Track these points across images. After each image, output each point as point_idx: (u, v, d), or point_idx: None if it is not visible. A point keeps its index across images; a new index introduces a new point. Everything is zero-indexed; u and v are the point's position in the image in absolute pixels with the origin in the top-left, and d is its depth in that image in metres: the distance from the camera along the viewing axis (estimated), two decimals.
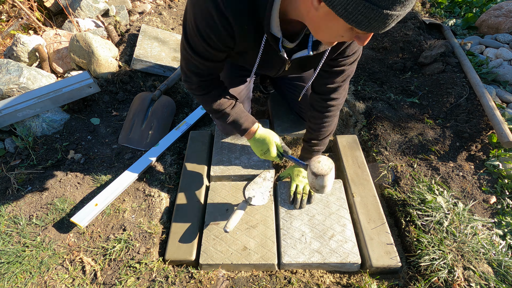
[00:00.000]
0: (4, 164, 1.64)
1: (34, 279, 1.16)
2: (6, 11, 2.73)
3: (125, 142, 1.71)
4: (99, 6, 2.58)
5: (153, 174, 1.53)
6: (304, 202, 1.35)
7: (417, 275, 1.16)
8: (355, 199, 1.39)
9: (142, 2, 2.99)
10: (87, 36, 2.00)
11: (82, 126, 1.81)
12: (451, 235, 1.23)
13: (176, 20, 2.84)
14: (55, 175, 1.54)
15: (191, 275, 1.17)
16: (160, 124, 1.81)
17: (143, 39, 2.29)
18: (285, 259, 1.19)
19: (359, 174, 1.49)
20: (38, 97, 1.70)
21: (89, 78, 1.80)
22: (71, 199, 1.43)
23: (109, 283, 1.15)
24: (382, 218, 1.31)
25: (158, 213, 1.38)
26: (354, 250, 1.21)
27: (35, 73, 1.83)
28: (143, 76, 2.17)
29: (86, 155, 1.65)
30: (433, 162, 1.55)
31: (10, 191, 1.50)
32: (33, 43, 2.03)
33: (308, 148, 1.33)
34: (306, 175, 1.32)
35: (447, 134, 1.67)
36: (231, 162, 1.54)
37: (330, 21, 0.69)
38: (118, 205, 1.39)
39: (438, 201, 1.33)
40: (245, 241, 1.25)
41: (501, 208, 1.38)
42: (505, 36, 2.42)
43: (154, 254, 1.25)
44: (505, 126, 1.57)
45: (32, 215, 1.37)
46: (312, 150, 1.31)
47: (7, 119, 1.67)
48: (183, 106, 2.00)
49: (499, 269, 1.14)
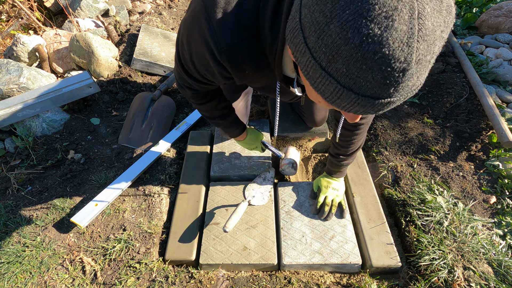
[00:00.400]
0: (4, 164, 1.64)
1: (34, 279, 1.16)
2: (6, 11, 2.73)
3: (125, 142, 1.71)
4: (99, 6, 2.58)
5: (153, 174, 1.53)
6: (331, 215, 1.30)
7: (417, 275, 1.16)
8: (355, 199, 1.39)
9: (142, 2, 2.99)
10: (87, 36, 2.00)
11: (82, 126, 1.81)
12: (451, 235, 1.23)
13: (176, 20, 2.83)
14: (55, 175, 1.54)
15: (191, 275, 1.17)
16: (160, 124, 1.81)
17: (143, 39, 2.29)
18: (285, 260, 1.19)
19: (359, 174, 1.49)
20: (38, 97, 1.70)
21: (89, 78, 1.80)
22: (71, 199, 1.43)
23: (109, 283, 1.15)
24: (382, 218, 1.31)
25: (158, 213, 1.38)
26: (355, 251, 1.21)
27: (35, 73, 1.83)
28: (143, 76, 2.17)
29: (86, 155, 1.65)
30: (433, 162, 1.55)
31: (10, 191, 1.50)
32: (33, 43, 2.03)
33: (336, 163, 1.29)
34: (336, 186, 1.34)
35: (447, 134, 1.67)
36: (231, 162, 1.54)
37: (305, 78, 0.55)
38: (118, 205, 1.39)
39: (438, 201, 1.33)
40: (245, 241, 1.25)
41: (501, 208, 1.38)
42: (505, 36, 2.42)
43: (154, 254, 1.25)
44: (505, 126, 1.57)
45: (32, 215, 1.37)
46: (341, 164, 1.28)
47: (7, 119, 1.67)
48: (183, 106, 2.00)
49: (499, 269, 1.14)
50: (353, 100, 0.48)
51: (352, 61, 0.43)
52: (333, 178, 1.35)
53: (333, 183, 1.35)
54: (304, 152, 1.74)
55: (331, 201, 1.32)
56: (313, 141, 1.77)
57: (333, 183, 1.35)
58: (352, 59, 0.42)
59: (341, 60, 0.44)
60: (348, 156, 1.25)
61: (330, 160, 1.32)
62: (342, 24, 0.41)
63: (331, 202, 1.32)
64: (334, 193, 1.34)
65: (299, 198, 1.39)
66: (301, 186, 1.44)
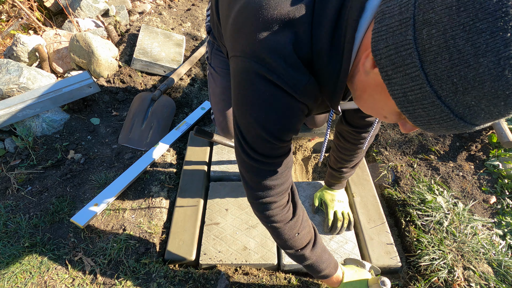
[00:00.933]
0: (4, 164, 1.64)
1: (34, 279, 1.16)
2: (6, 11, 2.73)
3: (125, 142, 1.71)
4: (99, 6, 2.58)
5: (153, 174, 1.53)
6: (344, 229, 1.26)
7: (417, 275, 1.16)
8: (355, 199, 1.39)
9: (142, 2, 2.99)
10: (87, 36, 2.00)
11: (82, 126, 1.81)
12: (451, 235, 1.23)
13: (176, 20, 2.83)
14: (55, 175, 1.54)
15: (191, 275, 1.17)
16: (160, 124, 1.81)
17: (143, 39, 2.29)
18: (286, 260, 1.19)
19: (359, 174, 1.49)
20: (38, 97, 1.70)
21: (89, 78, 1.80)
22: (71, 199, 1.43)
23: (109, 283, 1.15)
24: (382, 218, 1.31)
25: (158, 213, 1.38)
26: (355, 251, 1.21)
27: (35, 73, 1.83)
28: (143, 76, 2.17)
29: (86, 155, 1.65)
30: (433, 162, 1.55)
31: (10, 191, 1.50)
32: (33, 43, 2.03)
33: (337, 176, 1.24)
34: (340, 198, 1.30)
35: (447, 134, 1.67)
36: (231, 162, 1.54)
37: (379, 93, 0.53)
38: (118, 205, 1.39)
39: (438, 201, 1.33)
40: (245, 241, 1.25)
41: (501, 208, 1.38)
42: None
43: (154, 254, 1.25)
44: (505, 126, 1.57)
45: (32, 215, 1.37)
46: (343, 177, 1.24)
47: (7, 119, 1.67)
48: (183, 106, 2.00)
49: (499, 269, 1.14)
50: (455, 127, 0.44)
51: (491, 97, 0.38)
52: (334, 190, 1.31)
53: (337, 195, 1.31)
54: (304, 152, 1.74)
55: (341, 214, 1.28)
56: (313, 141, 1.77)
57: (337, 195, 1.31)
58: (492, 95, 0.38)
59: (476, 94, 0.39)
60: (351, 169, 1.21)
61: (330, 173, 1.27)
62: (500, 60, 0.36)
63: (342, 215, 1.28)
64: (341, 206, 1.30)
65: (299, 198, 1.39)
66: (300, 186, 1.44)
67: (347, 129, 1.05)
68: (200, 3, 3.16)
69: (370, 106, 0.59)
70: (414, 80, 0.43)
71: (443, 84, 0.40)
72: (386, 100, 0.51)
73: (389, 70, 0.46)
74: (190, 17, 2.90)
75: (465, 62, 0.38)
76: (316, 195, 1.36)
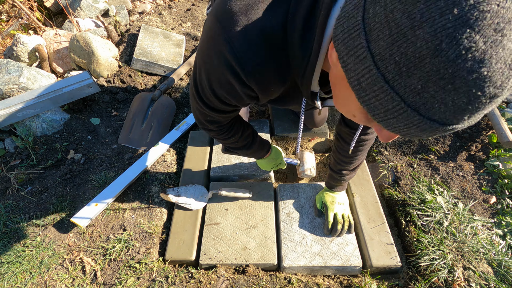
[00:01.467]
0: (4, 164, 1.64)
1: (34, 279, 1.16)
2: (6, 11, 2.73)
3: (125, 142, 1.71)
4: (99, 6, 2.58)
5: (153, 174, 1.53)
6: (344, 231, 1.25)
7: (417, 275, 1.16)
8: (355, 199, 1.39)
9: (142, 2, 2.99)
10: (87, 36, 2.00)
11: (82, 126, 1.81)
12: (451, 235, 1.23)
13: (176, 20, 2.83)
14: (55, 175, 1.54)
15: (191, 275, 1.17)
16: (160, 124, 1.81)
17: (143, 39, 2.29)
18: (286, 262, 1.19)
19: (359, 174, 1.49)
20: (38, 97, 1.70)
21: (89, 78, 1.80)
22: (71, 199, 1.43)
23: (109, 283, 1.15)
24: (382, 218, 1.31)
25: (158, 213, 1.38)
26: (355, 252, 1.21)
27: (35, 73, 1.83)
28: (143, 76, 2.17)
29: (86, 155, 1.65)
30: (433, 162, 1.55)
31: (10, 191, 1.50)
32: (33, 43, 2.03)
33: (338, 178, 1.23)
34: (341, 200, 1.30)
35: (447, 134, 1.67)
36: (231, 162, 1.54)
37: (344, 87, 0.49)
38: (118, 205, 1.39)
39: (438, 201, 1.33)
40: (245, 241, 1.25)
41: (501, 208, 1.38)
42: None
43: (154, 254, 1.25)
44: (505, 126, 1.57)
45: (32, 215, 1.37)
46: (343, 179, 1.23)
47: (7, 119, 1.67)
48: (183, 106, 2.00)
49: (499, 269, 1.14)
50: (413, 123, 0.40)
51: (435, 78, 0.34)
52: (334, 192, 1.31)
53: (337, 198, 1.30)
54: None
55: (341, 216, 1.28)
56: (313, 141, 1.77)
57: (337, 198, 1.30)
58: (435, 75, 0.34)
59: (419, 75, 0.35)
60: (351, 171, 1.20)
61: (331, 175, 1.26)
62: (436, 30, 0.33)
63: (342, 218, 1.27)
64: (341, 208, 1.29)
65: (299, 199, 1.39)
66: (301, 188, 1.44)
67: (346, 130, 1.04)
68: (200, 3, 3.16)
69: (340, 102, 0.55)
70: (364, 63, 0.40)
71: (388, 64, 0.38)
72: (350, 94, 0.47)
73: (344, 56, 0.43)
74: (190, 17, 2.90)
75: (403, 36, 0.35)
76: (317, 196, 1.36)
